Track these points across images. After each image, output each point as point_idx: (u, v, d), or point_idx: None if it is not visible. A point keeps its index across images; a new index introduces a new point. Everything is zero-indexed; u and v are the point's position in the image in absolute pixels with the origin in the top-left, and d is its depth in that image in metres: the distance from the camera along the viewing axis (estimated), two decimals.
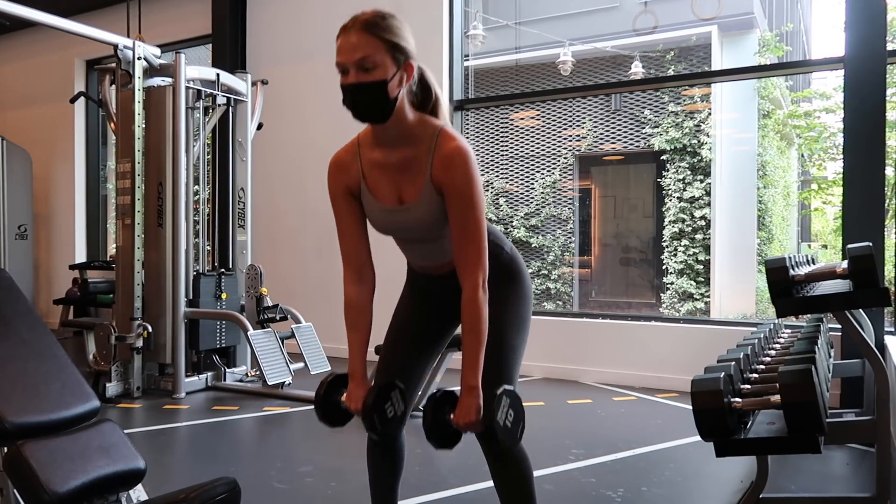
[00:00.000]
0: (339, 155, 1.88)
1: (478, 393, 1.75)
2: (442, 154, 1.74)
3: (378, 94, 1.68)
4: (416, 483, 3.04)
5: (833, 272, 2.62)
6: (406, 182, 1.80)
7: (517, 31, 9.82)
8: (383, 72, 1.67)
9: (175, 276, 4.95)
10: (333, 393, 1.90)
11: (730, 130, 9.09)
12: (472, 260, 1.75)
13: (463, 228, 1.75)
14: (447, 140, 1.75)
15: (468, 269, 1.75)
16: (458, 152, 1.73)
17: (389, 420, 1.83)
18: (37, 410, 1.88)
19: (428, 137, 1.77)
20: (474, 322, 1.74)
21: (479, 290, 1.74)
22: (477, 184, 1.75)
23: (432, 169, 1.75)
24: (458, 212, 1.74)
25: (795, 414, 1.92)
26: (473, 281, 1.75)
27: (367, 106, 1.70)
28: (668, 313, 8.56)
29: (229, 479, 1.88)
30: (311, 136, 6.71)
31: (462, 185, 1.73)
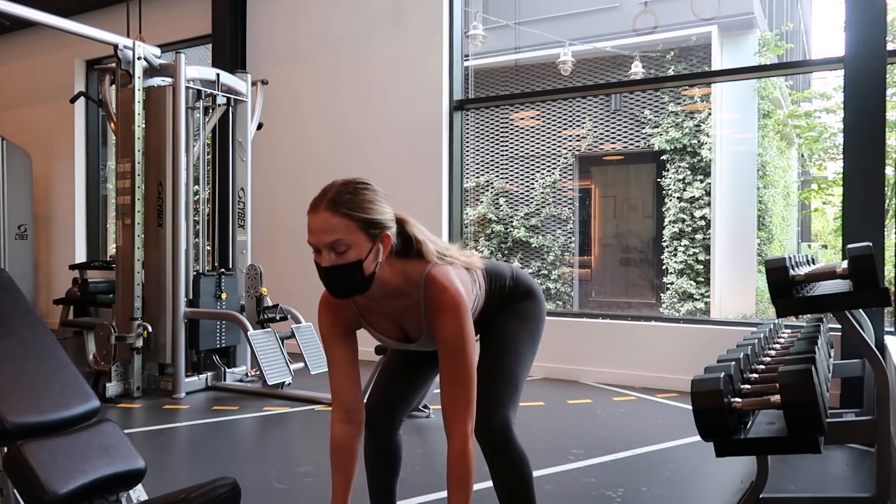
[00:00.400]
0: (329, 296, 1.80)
1: None
2: (430, 307, 1.73)
3: (354, 275, 1.64)
4: (416, 483, 3.04)
5: (833, 272, 2.62)
6: (407, 324, 1.82)
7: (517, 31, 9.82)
8: (357, 252, 1.62)
9: (175, 276, 4.95)
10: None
11: (730, 130, 9.09)
12: (461, 406, 1.71)
13: (453, 377, 1.72)
14: (434, 290, 1.73)
15: (457, 418, 1.71)
16: (446, 305, 1.71)
17: None
18: (37, 410, 1.88)
19: (415, 288, 1.75)
20: (462, 475, 1.69)
21: (467, 442, 1.70)
22: (466, 332, 1.72)
23: (426, 319, 1.76)
24: (448, 361, 1.72)
25: (795, 414, 1.92)
26: (462, 431, 1.70)
27: (344, 286, 1.66)
28: (668, 313, 8.56)
29: (229, 479, 1.88)
30: (310, 136, 6.71)
31: (451, 338, 1.71)
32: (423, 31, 6.18)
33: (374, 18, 6.44)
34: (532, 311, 2.05)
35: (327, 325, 1.82)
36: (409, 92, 6.21)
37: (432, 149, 6.08)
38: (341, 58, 6.61)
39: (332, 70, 6.65)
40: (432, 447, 3.77)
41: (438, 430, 3.96)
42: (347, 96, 6.57)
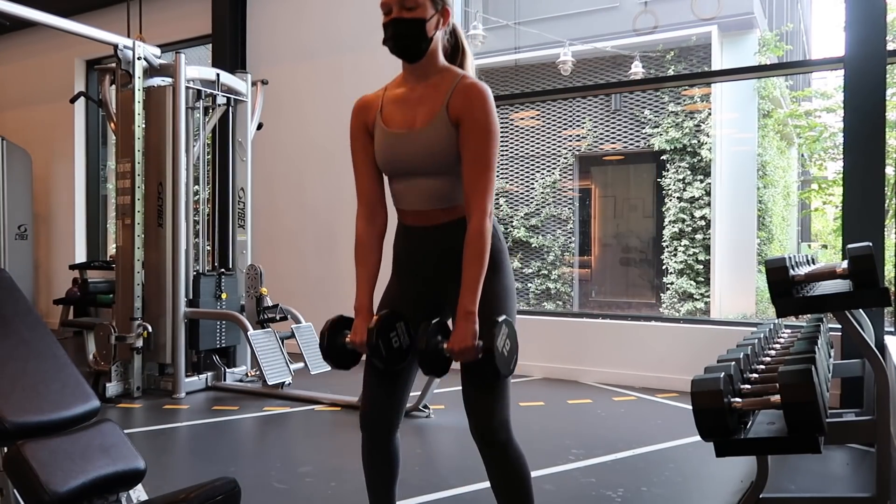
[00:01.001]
0: (364, 96, 1.98)
1: (474, 319, 1.77)
2: (463, 87, 1.83)
3: (417, 31, 1.80)
4: (416, 483, 3.04)
5: (833, 272, 2.62)
6: (422, 110, 1.87)
7: (517, 31, 9.82)
8: (423, 11, 1.80)
9: (175, 276, 4.95)
10: (337, 335, 1.92)
11: (730, 130, 9.09)
12: (481, 189, 1.79)
13: (476, 158, 1.79)
14: (470, 79, 1.85)
15: (477, 198, 1.79)
16: (479, 88, 1.81)
17: (395, 350, 1.83)
18: (37, 410, 1.88)
19: (451, 79, 1.86)
20: (478, 250, 1.77)
21: (485, 219, 1.78)
22: (493, 118, 1.81)
23: (451, 99, 1.82)
24: (473, 141, 1.79)
25: (795, 414, 1.92)
26: (481, 209, 1.78)
27: (405, 41, 1.82)
28: (668, 313, 8.56)
29: (229, 479, 1.88)
30: (310, 136, 6.71)
31: (479, 116, 1.79)
32: None
33: (375, 18, 6.36)
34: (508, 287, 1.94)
35: (355, 124, 1.96)
36: None
37: None
38: (342, 57, 6.61)
39: (333, 70, 6.65)
40: (432, 447, 3.78)
41: (438, 429, 3.97)
42: (348, 96, 6.49)
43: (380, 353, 1.81)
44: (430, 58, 1.85)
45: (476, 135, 1.79)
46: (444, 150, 1.83)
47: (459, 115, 1.80)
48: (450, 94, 1.83)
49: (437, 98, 1.84)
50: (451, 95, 1.82)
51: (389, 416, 1.99)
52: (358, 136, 1.96)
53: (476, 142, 1.79)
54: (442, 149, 1.82)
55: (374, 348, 1.81)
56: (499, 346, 1.74)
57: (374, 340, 1.80)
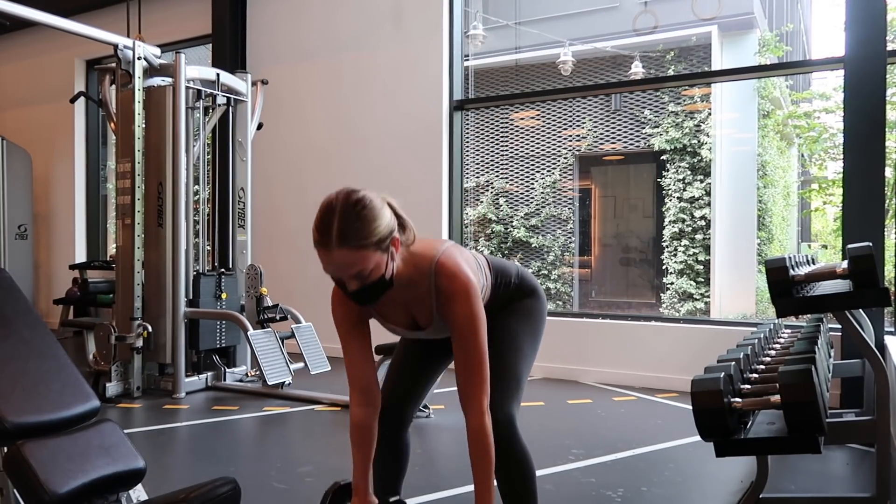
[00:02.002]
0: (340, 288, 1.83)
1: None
2: (442, 294, 1.78)
3: (380, 287, 1.70)
4: (416, 483, 3.04)
5: (833, 272, 2.62)
6: (417, 312, 1.87)
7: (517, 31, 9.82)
8: (379, 269, 1.66)
9: (175, 276, 4.95)
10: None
11: (730, 130, 9.09)
12: (476, 387, 1.76)
13: (466, 359, 1.77)
14: (444, 280, 1.77)
15: (472, 397, 1.76)
16: (456, 292, 1.76)
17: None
18: (37, 410, 1.88)
19: (425, 277, 1.79)
20: (482, 450, 1.75)
21: (484, 417, 1.75)
22: (477, 316, 1.77)
23: (437, 305, 1.81)
24: (461, 344, 1.77)
25: (795, 414, 1.92)
26: (478, 408, 1.75)
27: (371, 298, 1.72)
28: (668, 313, 8.55)
29: (229, 479, 1.88)
30: (310, 136, 6.71)
31: (463, 322, 1.76)
32: (423, 31, 6.18)
33: (375, 18, 6.44)
34: (535, 310, 2.09)
35: (341, 316, 1.87)
36: (410, 92, 6.21)
37: (432, 149, 6.08)
38: (341, 58, 6.61)
39: (333, 70, 6.65)
40: (432, 447, 3.77)
41: (438, 429, 3.97)
42: (347, 96, 6.57)
43: None
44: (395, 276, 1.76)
45: (463, 339, 1.76)
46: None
47: (445, 317, 1.80)
48: (434, 300, 1.80)
49: (423, 301, 1.83)
50: (435, 301, 1.80)
51: (407, 408, 2.05)
52: (347, 325, 1.87)
53: (464, 346, 1.77)
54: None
55: None
56: None
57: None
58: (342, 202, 1.62)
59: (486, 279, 1.99)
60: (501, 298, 2.05)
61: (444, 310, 1.79)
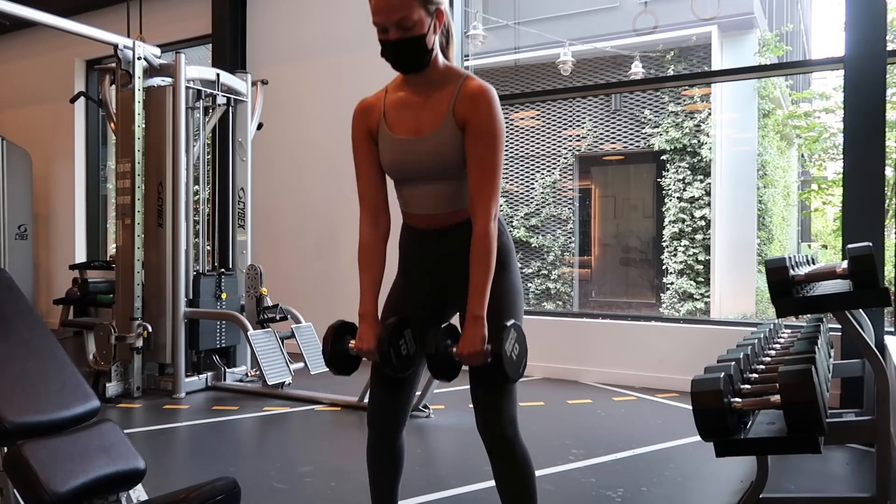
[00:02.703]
0: (365, 99, 1.95)
1: (483, 323, 1.77)
2: (468, 90, 1.81)
3: (418, 48, 1.76)
4: (416, 483, 3.04)
5: (833, 272, 2.62)
6: (427, 114, 1.85)
7: (517, 31, 9.82)
8: (421, 27, 1.74)
9: (175, 276, 4.95)
10: (340, 341, 1.91)
11: (730, 130, 9.09)
12: (486, 193, 1.78)
13: (482, 163, 1.79)
14: (474, 81, 1.83)
15: (482, 202, 1.78)
16: (484, 91, 1.80)
17: (403, 357, 1.83)
18: (37, 410, 1.88)
19: (455, 80, 1.84)
20: (484, 253, 1.77)
21: (490, 223, 1.78)
22: (499, 122, 1.80)
23: (456, 103, 1.81)
24: (479, 146, 1.79)
25: (795, 414, 1.92)
26: (486, 212, 1.78)
27: (408, 59, 1.79)
28: (668, 313, 8.56)
29: (229, 479, 1.88)
30: (310, 136, 6.71)
31: (485, 120, 1.78)
32: None
33: None
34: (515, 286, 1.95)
35: (357, 129, 1.92)
36: None
37: None
38: (341, 57, 6.60)
39: (333, 70, 6.65)
40: (432, 447, 3.77)
41: (438, 429, 3.97)
42: (347, 96, 6.51)
43: (391, 362, 1.81)
44: (431, 64, 1.83)
45: (481, 139, 1.78)
46: (452, 155, 1.82)
47: (465, 120, 1.79)
48: (455, 98, 1.81)
49: (442, 102, 1.83)
50: (456, 99, 1.81)
51: (397, 413, 2.00)
52: (360, 141, 1.92)
53: (481, 146, 1.78)
54: (450, 153, 1.82)
55: (385, 357, 1.81)
56: (507, 351, 1.75)
57: (386, 349, 1.80)
58: None
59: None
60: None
61: (465, 108, 1.79)
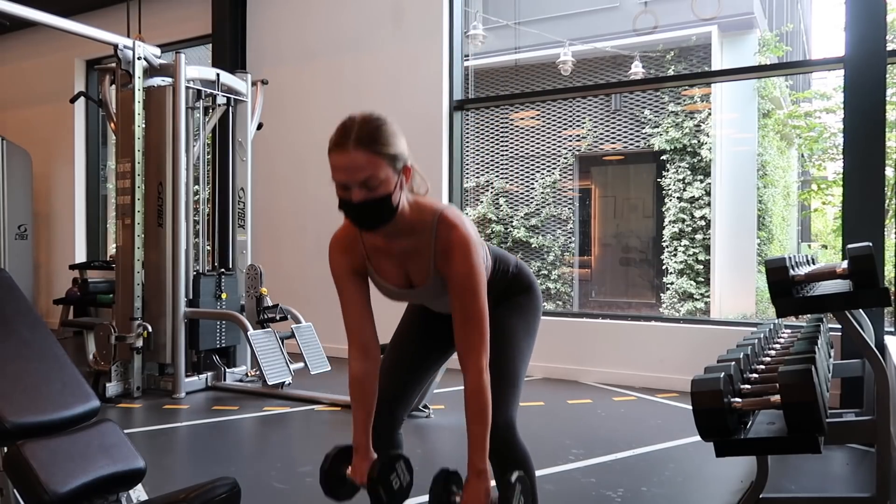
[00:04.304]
0: (339, 236, 1.86)
1: (486, 477, 1.75)
2: (442, 246, 1.75)
3: (383, 208, 1.68)
4: (416, 483, 3.04)
5: (833, 272, 2.62)
6: (412, 268, 1.84)
7: (517, 31, 9.82)
8: (386, 186, 1.65)
9: (175, 276, 4.95)
10: (338, 467, 1.91)
11: (730, 130, 9.09)
12: (474, 345, 1.74)
13: (466, 316, 1.75)
14: (447, 229, 1.75)
15: (471, 355, 1.74)
16: (458, 244, 1.73)
17: (395, 491, 1.83)
18: (37, 410, 1.88)
19: (427, 227, 1.77)
20: (480, 408, 1.74)
21: (482, 376, 1.74)
22: (478, 272, 1.75)
23: (435, 260, 1.78)
24: (460, 300, 1.75)
25: (795, 414, 1.92)
26: (477, 366, 1.74)
27: (371, 220, 1.70)
28: (668, 313, 8.55)
29: (229, 479, 1.88)
30: (311, 136, 6.69)
31: (463, 277, 1.73)
32: (423, 31, 6.17)
33: (375, 18, 6.44)
34: (530, 306, 2.08)
35: (339, 266, 1.86)
36: (410, 92, 6.21)
37: (432, 149, 6.07)
38: (341, 58, 6.61)
39: (333, 70, 6.65)
40: (432, 447, 3.77)
41: (438, 429, 3.97)
42: (347, 96, 6.57)
43: (381, 500, 1.81)
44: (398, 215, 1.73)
45: (461, 295, 1.74)
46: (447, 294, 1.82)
47: (444, 273, 1.77)
48: (433, 253, 1.77)
49: (421, 254, 1.80)
50: (434, 255, 1.77)
51: (398, 410, 2.03)
52: (345, 277, 1.86)
53: (463, 299, 1.74)
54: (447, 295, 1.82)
55: (376, 496, 1.80)
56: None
57: (376, 488, 1.79)
58: (364, 114, 1.70)
59: (487, 258, 1.98)
60: (498, 286, 2.03)
61: (443, 263, 1.76)
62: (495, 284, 2.02)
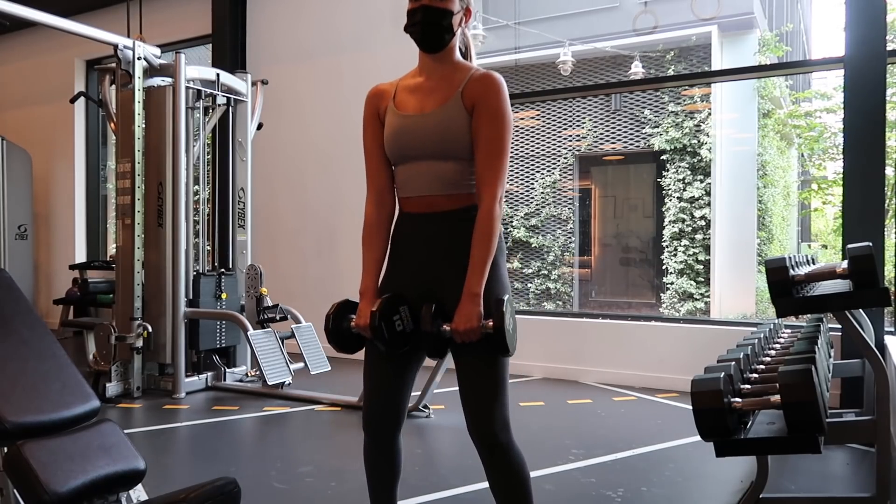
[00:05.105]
0: (379, 85, 2.05)
1: (479, 301, 1.78)
2: (479, 76, 1.87)
3: (444, 21, 1.85)
4: (416, 483, 3.04)
5: (833, 272, 2.62)
6: (435, 97, 1.90)
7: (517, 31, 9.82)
8: (451, 3, 1.86)
9: (175, 276, 4.95)
10: (343, 319, 1.92)
11: (730, 130, 9.09)
12: (493, 173, 1.82)
13: (490, 144, 1.82)
14: (485, 73, 1.88)
15: (489, 182, 1.82)
16: (494, 77, 1.85)
17: (398, 333, 1.82)
18: (37, 410, 1.88)
19: (466, 70, 1.91)
20: (487, 231, 1.80)
21: (495, 203, 1.81)
22: (507, 108, 1.85)
23: (466, 85, 1.86)
24: (488, 128, 1.82)
25: (795, 414, 1.92)
26: (492, 193, 1.81)
27: (431, 29, 1.87)
28: (668, 313, 8.55)
29: (229, 479, 1.88)
30: (310, 137, 6.71)
31: (494, 103, 1.83)
32: None
33: (375, 18, 6.44)
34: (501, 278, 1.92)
35: (368, 109, 2.02)
36: None
37: None
38: (341, 58, 6.60)
39: (333, 70, 6.65)
40: (432, 447, 3.77)
41: (438, 429, 3.97)
42: (348, 96, 6.57)
43: (382, 336, 1.80)
44: (448, 51, 1.90)
45: (490, 121, 1.82)
46: (454, 133, 1.85)
47: (475, 101, 1.84)
48: (465, 82, 1.87)
49: (451, 86, 1.89)
50: (466, 83, 1.86)
51: (392, 416, 1.98)
52: (370, 122, 2.01)
53: (490, 128, 1.82)
54: (452, 131, 1.84)
55: (377, 331, 1.79)
56: (507, 325, 1.77)
57: (377, 322, 1.79)
58: None
59: None
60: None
61: (474, 91, 1.83)
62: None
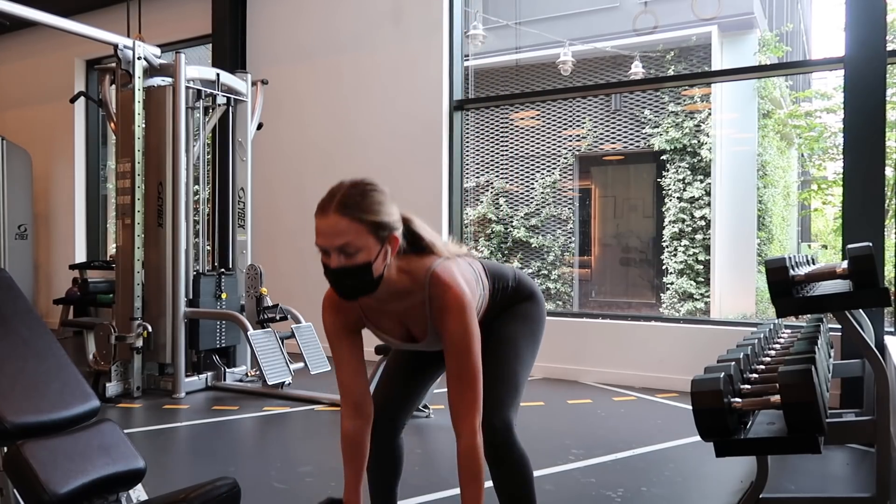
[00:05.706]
0: (331, 294, 1.81)
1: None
2: (437, 306, 1.73)
3: (363, 276, 1.64)
4: (416, 483, 3.04)
5: (833, 272, 2.62)
6: (412, 324, 1.83)
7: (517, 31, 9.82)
8: (367, 254, 1.62)
9: (175, 276, 4.95)
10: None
11: (730, 130, 9.08)
12: (467, 404, 1.72)
13: (459, 375, 1.72)
14: (439, 290, 1.72)
15: (464, 415, 1.72)
16: (451, 305, 1.71)
17: None
18: (37, 410, 1.88)
19: (420, 287, 1.75)
20: (473, 470, 1.71)
21: (476, 436, 1.72)
22: (471, 331, 1.72)
23: (432, 316, 1.76)
24: (455, 360, 1.73)
25: (795, 414, 1.92)
26: (470, 427, 1.72)
27: (352, 287, 1.67)
28: (668, 313, 8.55)
29: (229, 479, 1.88)
30: (311, 136, 6.71)
31: (457, 337, 1.71)
32: (423, 31, 6.17)
33: (375, 18, 6.44)
34: (533, 313, 2.07)
35: (332, 325, 1.84)
36: (410, 92, 6.21)
37: (432, 149, 6.08)
38: (342, 58, 6.61)
39: (333, 70, 6.65)
40: (432, 447, 3.77)
41: (438, 429, 3.97)
42: (348, 96, 6.57)
43: None
44: (384, 283, 1.70)
45: (456, 351, 1.72)
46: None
47: (439, 329, 1.76)
48: (429, 312, 1.76)
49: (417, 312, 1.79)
50: (430, 312, 1.76)
51: (398, 418, 2.01)
52: (340, 334, 1.83)
53: (458, 358, 1.72)
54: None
55: None
56: None
57: None
58: (354, 180, 1.65)
59: (483, 289, 1.95)
60: (500, 303, 2.02)
61: (437, 321, 1.75)
62: (497, 303, 2.01)
